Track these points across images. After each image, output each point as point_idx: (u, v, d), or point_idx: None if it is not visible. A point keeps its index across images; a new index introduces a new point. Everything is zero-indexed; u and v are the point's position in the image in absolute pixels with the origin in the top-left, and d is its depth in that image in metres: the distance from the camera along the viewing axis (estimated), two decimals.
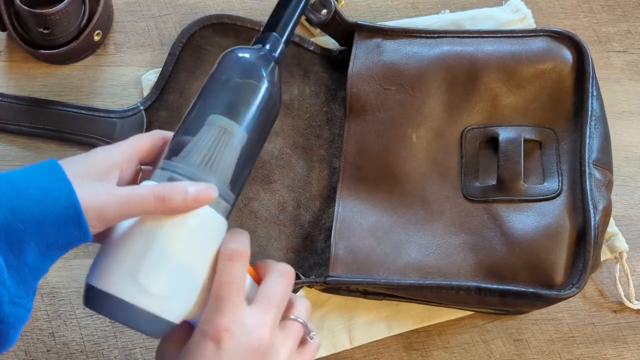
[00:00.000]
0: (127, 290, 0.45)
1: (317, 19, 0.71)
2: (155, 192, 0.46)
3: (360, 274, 0.62)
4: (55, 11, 0.66)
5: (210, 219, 0.48)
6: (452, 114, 0.66)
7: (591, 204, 0.60)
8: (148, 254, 0.45)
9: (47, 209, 0.42)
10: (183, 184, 0.47)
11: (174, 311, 0.47)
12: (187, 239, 0.47)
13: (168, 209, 0.46)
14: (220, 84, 0.52)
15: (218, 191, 0.48)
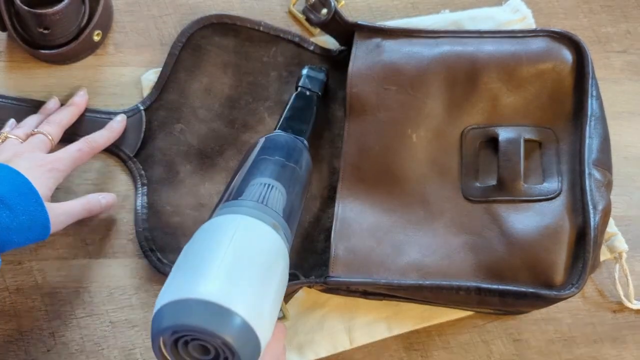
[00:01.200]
0: None
1: (317, 18, 0.71)
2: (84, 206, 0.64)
3: (360, 275, 0.62)
4: (55, 11, 0.66)
5: None
6: (452, 114, 0.66)
7: (591, 204, 0.60)
8: None
9: None
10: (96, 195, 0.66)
11: None
12: None
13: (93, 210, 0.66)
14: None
15: None
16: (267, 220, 0.51)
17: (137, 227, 0.67)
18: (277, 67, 0.72)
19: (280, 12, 0.75)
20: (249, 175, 0.56)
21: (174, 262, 0.57)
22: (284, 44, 0.72)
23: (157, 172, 0.68)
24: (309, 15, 0.72)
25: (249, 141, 0.69)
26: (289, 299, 0.64)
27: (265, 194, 0.54)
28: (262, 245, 0.49)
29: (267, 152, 0.59)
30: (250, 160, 0.58)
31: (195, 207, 0.68)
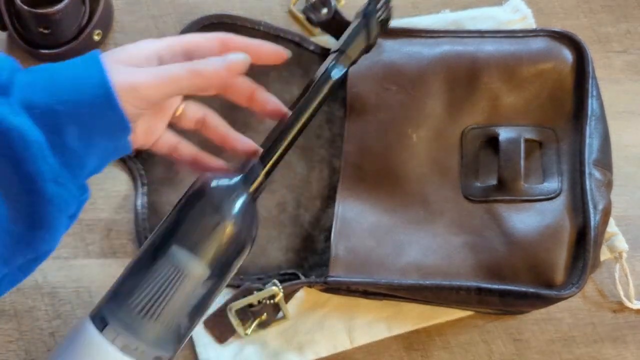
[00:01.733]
0: None
1: (317, 18, 0.71)
2: (188, 67, 0.47)
3: (361, 274, 0.62)
4: (56, 11, 0.66)
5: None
6: (453, 113, 0.66)
7: (591, 204, 0.60)
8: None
9: (82, 90, 0.43)
10: (212, 58, 0.48)
11: None
12: None
13: (205, 82, 0.47)
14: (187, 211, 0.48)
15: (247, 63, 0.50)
16: None
17: (137, 227, 0.67)
18: (277, 67, 0.71)
19: (280, 12, 0.75)
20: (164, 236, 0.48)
21: None
22: (284, 43, 0.72)
23: (158, 172, 0.68)
24: (309, 15, 0.72)
25: None
26: (289, 299, 0.64)
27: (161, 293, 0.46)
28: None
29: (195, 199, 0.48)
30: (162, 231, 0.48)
31: None
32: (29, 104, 0.43)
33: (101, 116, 0.44)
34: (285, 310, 0.64)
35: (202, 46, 0.51)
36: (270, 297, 0.63)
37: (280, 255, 0.67)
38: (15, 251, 0.44)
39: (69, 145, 0.43)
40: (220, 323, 0.64)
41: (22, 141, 0.41)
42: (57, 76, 0.44)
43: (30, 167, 0.42)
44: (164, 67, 0.47)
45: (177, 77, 0.46)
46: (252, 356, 0.64)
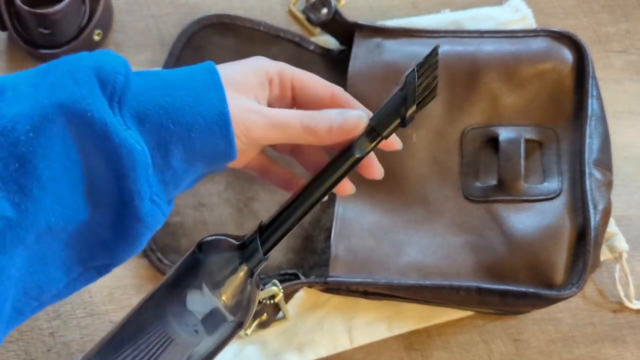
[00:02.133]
0: None
1: (318, 18, 0.71)
2: (302, 120, 0.45)
3: (361, 275, 0.62)
4: (56, 11, 0.66)
5: None
6: (453, 113, 0.66)
7: (591, 204, 0.60)
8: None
9: (198, 113, 0.42)
10: (330, 112, 0.46)
11: None
12: None
13: (314, 138, 0.46)
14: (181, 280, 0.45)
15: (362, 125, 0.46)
16: None
17: None
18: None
19: (281, 11, 0.75)
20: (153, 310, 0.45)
21: (174, 262, 0.57)
22: (284, 43, 0.72)
23: None
24: (309, 15, 0.72)
25: None
26: (289, 299, 0.64)
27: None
28: None
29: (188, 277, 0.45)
30: None
31: (195, 207, 0.68)
32: (142, 116, 0.41)
33: (212, 145, 0.43)
34: (285, 310, 0.64)
35: (313, 89, 0.49)
36: (270, 297, 0.63)
37: (280, 256, 0.67)
38: (95, 254, 0.43)
39: (172, 164, 0.43)
40: None
41: (131, 159, 0.40)
42: (175, 92, 0.42)
43: (132, 185, 0.41)
44: (280, 114, 0.45)
45: (292, 130, 0.45)
46: (252, 356, 0.64)
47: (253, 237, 0.45)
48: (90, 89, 0.40)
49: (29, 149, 0.38)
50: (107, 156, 0.40)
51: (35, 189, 0.39)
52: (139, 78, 0.43)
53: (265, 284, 0.64)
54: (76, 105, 0.39)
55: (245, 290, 0.45)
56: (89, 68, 0.41)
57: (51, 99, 0.39)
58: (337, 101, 0.49)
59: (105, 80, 0.41)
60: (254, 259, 0.45)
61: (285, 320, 0.64)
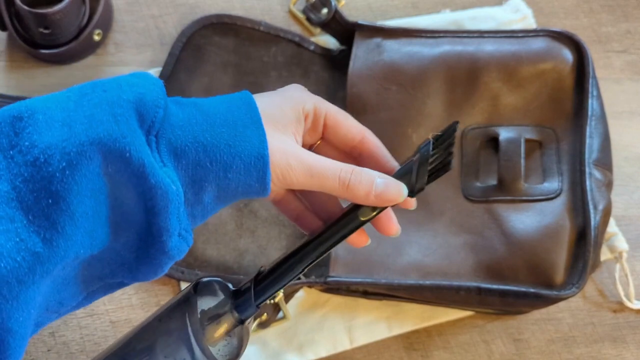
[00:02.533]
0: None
1: (318, 18, 0.71)
2: (341, 176, 0.43)
3: (361, 274, 0.62)
4: (56, 11, 0.66)
5: None
6: (453, 113, 0.66)
7: (591, 204, 0.60)
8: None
9: (237, 153, 0.41)
10: (371, 174, 0.44)
11: None
12: None
13: (350, 197, 0.44)
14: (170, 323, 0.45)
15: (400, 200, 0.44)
16: None
17: None
18: (278, 67, 0.72)
19: (281, 11, 0.75)
20: None
21: None
22: (284, 43, 0.72)
23: None
24: (310, 15, 0.72)
25: None
26: (289, 299, 0.64)
27: None
28: None
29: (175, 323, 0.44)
30: None
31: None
32: (179, 152, 0.41)
33: (247, 185, 0.42)
34: (285, 310, 0.64)
35: (345, 129, 0.48)
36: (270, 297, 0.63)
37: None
38: (116, 272, 0.43)
39: (204, 200, 0.42)
40: None
41: (165, 200, 0.40)
42: (214, 129, 0.41)
43: (162, 222, 0.40)
44: (319, 165, 0.43)
45: (329, 183, 0.44)
46: (252, 356, 0.64)
47: (247, 286, 0.45)
48: (129, 127, 0.39)
49: (64, 186, 0.38)
50: (141, 194, 0.40)
51: (67, 226, 0.38)
52: (177, 108, 0.42)
53: None
54: (115, 144, 0.38)
55: (235, 336, 0.45)
56: (129, 103, 0.40)
57: (89, 135, 0.38)
58: (367, 146, 0.48)
59: (144, 115, 0.40)
60: (246, 310, 0.45)
61: (285, 320, 0.64)
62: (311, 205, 0.49)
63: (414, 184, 0.44)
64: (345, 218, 0.45)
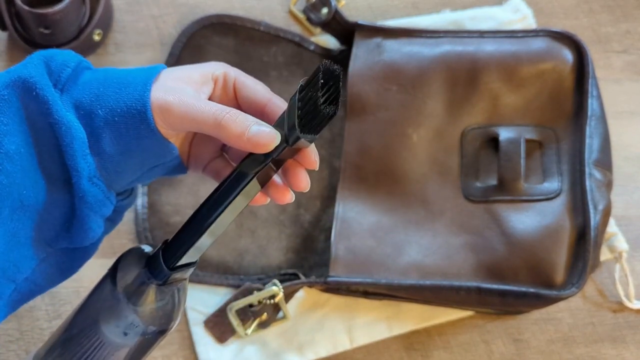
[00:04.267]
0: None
1: (318, 18, 0.71)
2: (216, 113, 0.44)
3: (361, 275, 0.62)
4: (56, 11, 0.66)
5: None
6: (453, 113, 0.66)
7: (591, 204, 0.60)
8: None
9: (121, 97, 0.44)
10: (248, 118, 0.44)
11: None
12: None
13: (224, 135, 0.44)
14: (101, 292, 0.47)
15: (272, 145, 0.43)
16: None
17: (137, 227, 0.67)
18: (278, 67, 0.72)
19: (281, 11, 0.75)
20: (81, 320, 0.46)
21: None
22: (284, 43, 0.72)
23: None
24: (310, 15, 0.72)
25: None
26: (289, 299, 0.64)
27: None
28: None
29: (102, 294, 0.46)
30: None
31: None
32: (78, 103, 0.45)
33: (135, 129, 0.44)
34: (286, 310, 0.64)
35: (252, 93, 0.49)
36: (270, 297, 0.63)
37: (280, 255, 0.67)
38: (58, 235, 0.46)
39: (105, 149, 0.45)
40: (220, 323, 0.64)
41: (69, 135, 0.43)
42: (109, 81, 0.45)
43: (71, 161, 0.43)
44: (197, 102, 0.45)
45: (202, 120, 0.44)
46: (252, 356, 0.64)
47: (156, 253, 0.46)
48: (37, 71, 0.43)
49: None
50: (51, 132, 0.43)
51: (5, 162, 0.42)
52: (90, 73, 0.46)
53: (265, 283, 0.64)
54: (24, 83, 0.43)
55: (162, 301, 0.46)
56: (40, 56, 0.44)
57: (4, 81, 0.43)
58: (272, 109, 0.48)
59: (52, 69, 0.44)
60: (160, 274, 0.45)
61: (285, 320, 0.64)
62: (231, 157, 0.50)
63: (286, 132, 0.43)
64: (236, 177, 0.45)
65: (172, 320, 0.48)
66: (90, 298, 0.47)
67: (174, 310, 0.47)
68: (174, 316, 0.48)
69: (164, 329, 0.47)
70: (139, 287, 0.46)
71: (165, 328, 0.47)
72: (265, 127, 0.44)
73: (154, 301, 0.46)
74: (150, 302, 0.46)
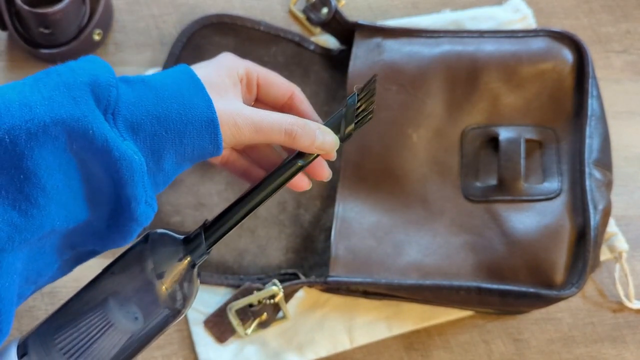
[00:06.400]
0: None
1: (318, 18, 0.71)
2: (286, 128, 0.48)
3: (361, 274, 0.62)
4: (56, 11, 0.66)
5: None
6: (453, 113, 0.66)
7: (591, 204, 0.60)
8: None
9: (189, 121, 0.45)
10: (312, 125, 0.49)
11: None
12: None
13: (296, 146, 0.49)
14: (126, 266, 0.48)
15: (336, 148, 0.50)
16: None
17: None
18: (278, 67, 0.72)
19: (281, 11, 0.75)
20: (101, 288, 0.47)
21: None
22: (284, 43, 0.72)
23: None
24: (310, 15, 0.72)
25: None
26: (289, 299, 0.64)
27: None
28: None
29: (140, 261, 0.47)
30: None
31: (195, 207, 0.68)
32: (135, 126, 0.44)
33: (201, 148, 0.46)
34: (285, 310, 0.64)
35: (275, 88, 0.53)
36: (270, 297, 0.63)
37: (280, 255, 0.67)
38: (87, 241, 0.46)
39: (164, 168, 0.46)
40: (220, 323, 0.64)
41: (130, 170, 0.43)
42: (164, 102, 0.45)
43: (130, 191, 0.44)
44: (266, 119, 0.48)
45: (275, 136, 0.48)
46: (252, 356, 0.64)
47: (198, 232, 0.49)
48: (89, 107, 0.42)
49: (33, 162, 0.41)
50: (107, 167, 0.43)
51: (40, 197, 0.41)
52: (127, 87, 0.45)
53: (265, 283, 0.64)
54: (78, 124, 0.42)
55: (186, 281, 0.48)
56: (85, 85, 0.43)
57: (52, 116, 0.41)
58: (295, 102, 0.53)
59: (100, 95, 0.43)
60: (197, 251, 0.48)
61: (285, 320, 0.64)
62: (254, 159, 0.54)
63: (343, 131, 0.51)
64: (286, 166, 0.50)
65: (188, 303, 0.49)
66: (111, 276, 0.48)
67: (191, 294, 0.49)
68: (190, 300, 0.49)
69: (181, 310, 0.48)
70: (172, 263, 0.47)
71: (182, 308, 0.48)
72: (328, 136, 0.49)
73: (180, 279, 0.47)
74: (176, 279, 0.47)
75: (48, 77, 0.43)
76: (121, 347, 0.47)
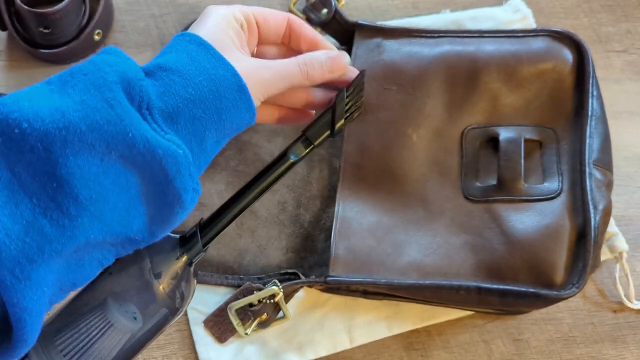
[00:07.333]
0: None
1: (318, 18, 0.71)
2: (302, 69, 0.50)
3: (361, 274, 0.62)
4: (56, 11, 0.66)
5: None
6: (453, 113, 0.66)
7: (591, 204, 0.60)
8: None
9: (221, 95, 0.45)
10: (318, 55, 0.52)
11: None
12: None
13: (311, 82, 0.51)
14: (124, 267, 0.48)
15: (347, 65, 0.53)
16: None
17: None
18: None
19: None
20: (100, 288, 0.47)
21: None
22: None
23: None
24: (310, 15, 0.72)
25: (249, 141, 0.69)
26: (289, 299, 0.64)
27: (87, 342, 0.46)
28: None
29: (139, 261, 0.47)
30: None
31: (196, 207, 0.68)
32: (174, 115, 0.43)
33: (239, 118, 0.46)
34: (285, 310, 0.64)
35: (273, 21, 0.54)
36: (270, 297, 0.63)
37: (280, 255, 0.67)
38: (129, 248, 0.46)
39: (207, 149, 0.45)
40: (220, 323, 0.64)
41: (175, 164, 0.42)
42: (192, 80, 0.44)
43: (179, 184, 0.43)
44: (282, 64, 0.49)
45: (294, 79, 0.50)
46: (252, 356, 0.64)
47: (194, 230, 0.49)
48: (124, 109, 0.41)
49: (67, 170, 0.39)
50: (153, 168, 0.42)
51: (72, 207, 0.40)
52: (151, 77, 0.44)
53: (265, 283, 0.64)
54: (116, 128, 0.40)
55: (184, 279, 0.49)
56: (115, 84, 0.41)
57: (87, 122, 0.40)
58: (294, 26, 0.55)
59: (132, 92, 0.42)
60: (193, 250, 0.49)
61: (285, 320, 0.64)
62: (284, 103, 0.56)
63: (333, 128, 0.53)
64: (278, 162, 0.51)
65: (186, 301, 0.50)
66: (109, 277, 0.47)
67: (188, 292, 0.50)
68: (188, 298, 0.50)
69: (179, 308, 0.48)
70: (169, 262, 0.47)
71: (180, 307, 0.48)
72: (332, 53, 0.53)
73: (177, 278, 0.48)
74: (174, 278, 0.48)
75: (74, 79, 0.42)
76: (121, 347, 0.47)
